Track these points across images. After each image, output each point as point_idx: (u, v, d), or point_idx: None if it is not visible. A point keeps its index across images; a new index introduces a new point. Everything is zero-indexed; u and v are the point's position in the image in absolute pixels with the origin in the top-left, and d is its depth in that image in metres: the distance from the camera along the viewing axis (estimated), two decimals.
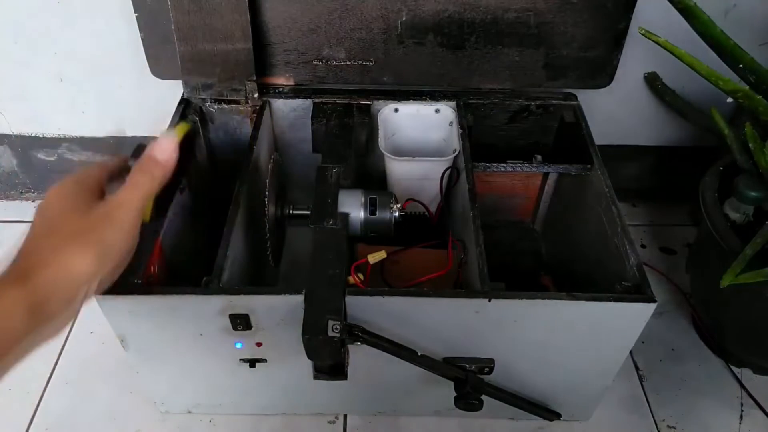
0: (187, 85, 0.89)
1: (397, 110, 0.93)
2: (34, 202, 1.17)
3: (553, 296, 0.64)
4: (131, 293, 0.64)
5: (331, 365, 0.67)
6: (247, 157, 0.82)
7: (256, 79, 0.88)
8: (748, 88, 0.73)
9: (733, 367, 0.91)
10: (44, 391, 0.87)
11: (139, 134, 1.06)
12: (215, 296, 0.64)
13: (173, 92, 0.90)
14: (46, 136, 1.07)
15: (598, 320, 0.67)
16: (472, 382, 0.70)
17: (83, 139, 1.07)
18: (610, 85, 0.92)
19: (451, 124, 0.92)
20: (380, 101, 0.92)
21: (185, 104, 0.90)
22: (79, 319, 0.95)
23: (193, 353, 0.71)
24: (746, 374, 0.91)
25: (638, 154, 1.09)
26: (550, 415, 0.79)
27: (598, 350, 0.71)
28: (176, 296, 0.64)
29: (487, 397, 0.72)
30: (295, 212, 0.90)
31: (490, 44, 0.88)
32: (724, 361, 0.92)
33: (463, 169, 0.82)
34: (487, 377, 0.73)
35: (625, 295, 0.65)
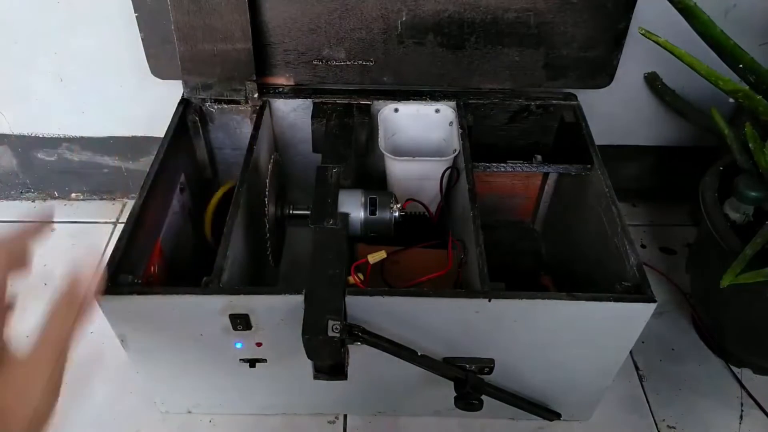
0: (187, 85, 0.89)
1: (397, 110, 0.93)
2: (34, 202, 1.17)
3: (553, 296, 0.65)
4: (131, 293, 0.64)
5: (331, 365, 0.67)
6: (247, 157, 0.82)
7: (256, 79, 0.88)
8: (748, 88, 0.73)
9: (733, 367, 0.91)
10: None
11: (139, 134, 1.07)
12: (215, 296, 0.64)
13: (173, 92, 0.90)
14: (46, 136, 1.07)
15: (598, 320, 0.67)
16: (472, 382, 0.70)
17: (83, 139, 1.07)
18: (610, 85, 0.92)
19: (451, 124, 0.92)
20: (380, 101, 0.92)
21: (185, 104, 0.90)
22: (79, 319, 0.95)
23: (193, 353, 0.71)
24: (746, 374, 0.90)
25: (638, 154, 1.09)
26: (550, 415, 0.79)
27: (598, 350, 0.71)
28: (176, 296, 0.64)
29: (487, 397, 0.72)
30: (295, 212, 0.90)
31: (490, 44, 0.88)
32: (724, 361, 0.92)
33: (463, 169, 0.82)
34: (487, 377, 0.73)
35: (625, 295, 0.65)
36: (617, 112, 1.02)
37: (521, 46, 0.88)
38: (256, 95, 0.90)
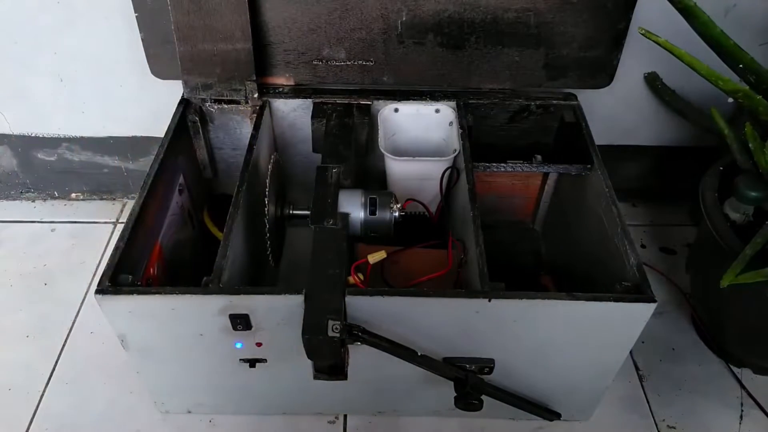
0: (187, 85, 0.89)
1: (397, 110, 0.93)
2: (33, 202, 1.17)
3: (553, 296, 0.65)
4: (131, 293, 0.64)
5: (331, 365, 0.67)
6: (247, 157, 0.82)
7: (256, 79, 0.88)
8: (748, 88, 0.73)
9: (733, 367, 0.91)
10: (44, 391, 0.87)
11: (139, 134, 1.07)
12: (215, 296, 0.64)
13: (173, 92, 0.90)
14: (46, 136, 1.07)
15: (598, 320, 0.67)
16: (472, 382, 0.70)
17: (83, 139, 1.07)
18: (610, 85, 0.92)
19: (451, 124, 0.92)
20: (380, 101, 0.92)
21: (185, 104, 0.90)
22: (79, 319, 0.95)
23: (193, 353, 0.71)
24: (746, 374, 0.90)
25: (638, 154, 1.09)
26: (550, 415, 0.79)
27: (598, 350, 0.71)
28: (176, 296, 0.64)
29: (487, 397, 0.72)
30: (295, 212, 0.90)
31: (490, 44, 0.88)
32: (724, 361, 0.92)
33: (463, 169, 0.82)
34: (487, 377, 0.73)
35: (625, 295, 0.65)
36: (617, 112, 1.02)
37: (521, 46, 0.88)
38: (256, 95, 0.90)
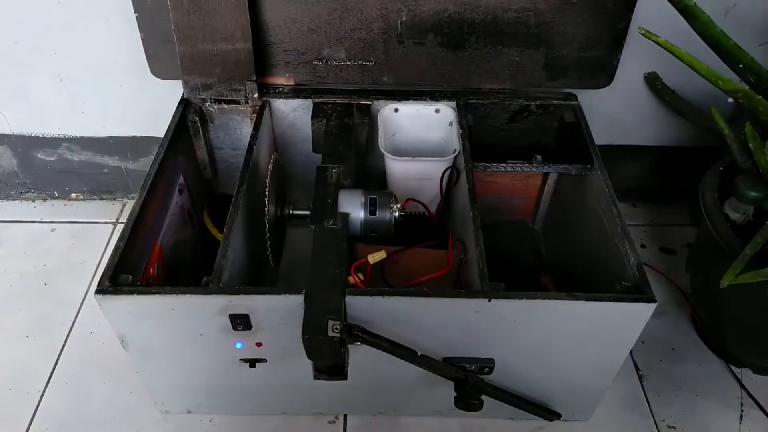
0: (187, 85, 0.89)
1: (397, 110, 0.93)
2: (33, 202, 1.17)
3: (553, 296, 0.65)
4: (131, 293, 0.64)
5: (331, 365, 0.67)
6: (247, 157, 0.82)
7: (256, 79, 0.88)
8: (748, 88, 0.73)
9: (733, 367, 0.91)
10: (44, 390, 0.87)
11: (139, 134, 1.07)
12: (215, 296, 0.64)
13: (173, 92, 0.90)
14: (46, 136, 1.07)
15: (598, 320, 0.67)
16: (472, 382, 0.70)
17: (83, 139, 1.07)
18: (610, 85, 0.92)
19: (451, 124, 0.92)
20: (380, 101, 0.92)
21: (185, 104, 0.90)
22: (79, 319, 0.95)
23: (193, 353, 0.71)
24: (746, 374, 0.90)
25: (638, 154, 1.09)
26: (550, 415, 0.79)
27: (598, 350, 0.71)
28: (176, 296, 0.64)
29: (487, 397, 0.72)
30: (295, 212, 0.90)
31: (490, 44, 0.88)
32: (724, 361, 0.92)
33: (463, 169, 0.82)
34: (487, 377, 0.73)
35: (625, 295, 0.65)
36: (617, 112, 1.02)
37: (521, 46, 0.88)
38: (256, 95, 0.90)
